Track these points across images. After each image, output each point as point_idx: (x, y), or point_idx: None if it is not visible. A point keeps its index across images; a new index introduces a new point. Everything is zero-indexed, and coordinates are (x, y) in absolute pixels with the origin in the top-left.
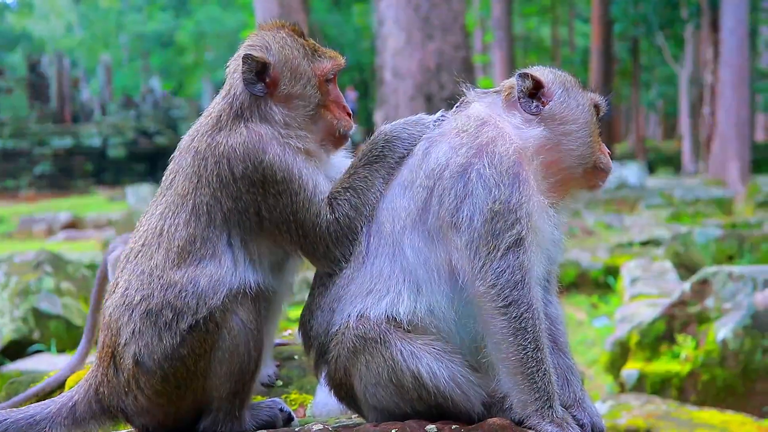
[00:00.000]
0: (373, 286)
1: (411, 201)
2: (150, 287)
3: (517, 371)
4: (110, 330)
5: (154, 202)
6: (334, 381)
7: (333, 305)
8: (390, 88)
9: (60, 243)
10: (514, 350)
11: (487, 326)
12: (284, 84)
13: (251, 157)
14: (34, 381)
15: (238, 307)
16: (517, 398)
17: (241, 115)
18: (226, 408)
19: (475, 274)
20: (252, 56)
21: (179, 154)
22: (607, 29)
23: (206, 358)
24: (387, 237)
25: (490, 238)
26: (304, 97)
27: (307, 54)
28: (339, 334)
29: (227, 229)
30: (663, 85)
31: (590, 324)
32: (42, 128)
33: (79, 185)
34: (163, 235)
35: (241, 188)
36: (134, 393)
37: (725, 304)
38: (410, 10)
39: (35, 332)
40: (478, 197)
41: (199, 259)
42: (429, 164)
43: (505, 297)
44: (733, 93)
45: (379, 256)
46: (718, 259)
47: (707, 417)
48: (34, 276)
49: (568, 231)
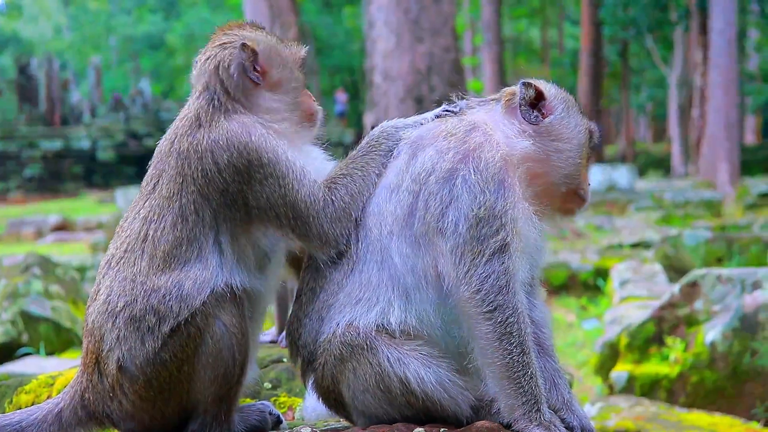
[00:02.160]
0: (362, 294)
1: (397, 205)
2: (133, 293)
3: (504, 375)
4: (93, 336)
5: (135, 207)
6: (322, 388)
7: (321, 313)
8: (380, 91)
9: (49, 246)
10: (500, 355)
11: (472, 331)
12: (274, 70)
13: (235, 144)
14: (21, 384)
15: (220, 310)
16: (505, 402)
17: (222, 109)
18: (213, 412)
19: (460, 279)
20: (247, 45)
21: (159, 158)
22: (596, 32)
23: (189, 362)
24: (375, 243)
25: (475, 244)
26: (291, 81)
27: (281, 42)
28: (326, 342)
29: (215, 227)
30: (652, 87)
31: (580, 326)
32: (31, 131)
33: (68, 188)
34: (148, 240)
35: (227, 178)
36: (119, 398)
37: (714, 306)
38: (400, 13)
39: (24, 335)
40: (464, 203)
41: (185, 261)
42: (416, 168)
43: (490, 302)
44: (722, 95)
45: (368, 263)
46: (708, 262)
47: (696, 419)
48: (23, 279)
49: (558, 233)
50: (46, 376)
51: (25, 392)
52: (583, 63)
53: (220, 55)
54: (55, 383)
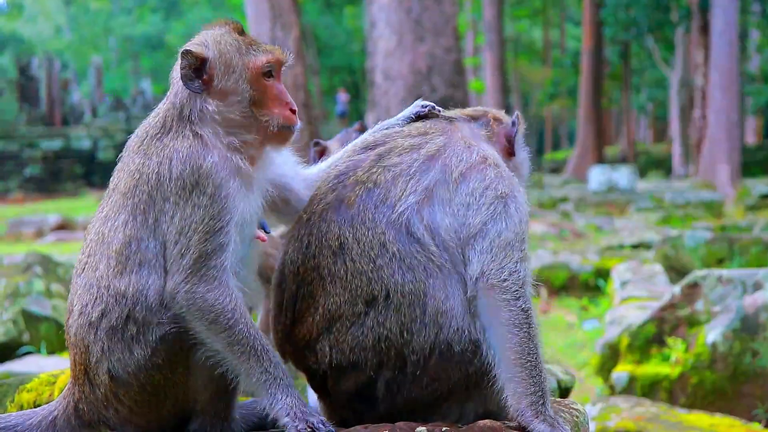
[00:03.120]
0: (464, 297)
1: (453, 219)
2: (103, 301)
3: (518, 362)
4: (78, 349)
5: (101, 206)
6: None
7: (437, 319)
8: (381, 91)
9: (50, 245)
10: (518, 341)
11: (495, 317)
12: (218, 78)
13: (191, 161)
14: (23, 383)
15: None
16: (513, 390)
17: (186, 118)
18: (213, 411)
19: (492, 271)
20: (191, 52)
21: (127, 154)
22: (598, 32)
23: (183, 364)
24: (454, 251)
25: (508, 251)
26: (237, 92)
27: (241, 48)
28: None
29: (157, 232)
30: (653, 88)
31: (580, 326)
32: (31, 130)
33: (68, 188)
34: (105, 241)
35: (173, 189)
36: (114, 406)
37: (715, 307)
38: (402, 13)
39: (25, 334)
40: (511, 223)
41: (138, 264)
42: (468, 186)
43: (515, 291)
44: (723, 96)
45: (457, 267)
46: (708, 263)
47: (696, 420)
48: (24, 278)
49: (559, 234)
50: (48, 375)
51: (27, 391)
52: (585, 63)
53: (180, 59)
54: (57, 382)
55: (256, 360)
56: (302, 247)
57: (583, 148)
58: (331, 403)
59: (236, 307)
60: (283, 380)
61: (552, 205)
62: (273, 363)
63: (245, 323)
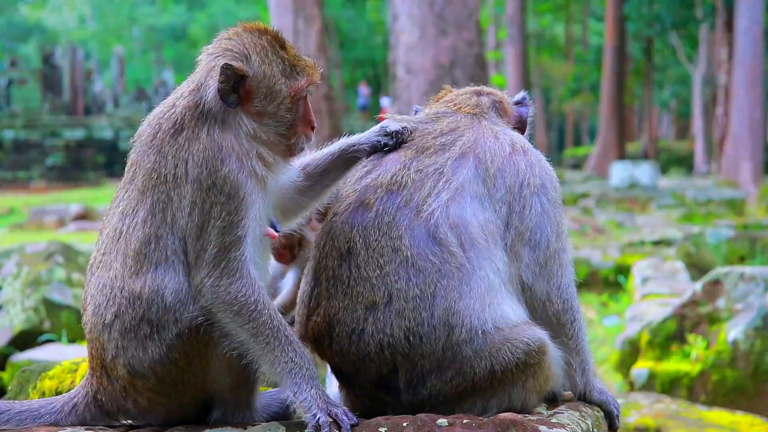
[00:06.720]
0: (490, 299)
1: (492, 214)
2: (117, 302)
3: (580, 349)
4: (94, 344)
5: (116, 199)
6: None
7: (449, 320)
8: (403, 84)
9: (71, 234)
10: (574, 341)
11: (548, 330)
12: (258, 100)
13: (208, 165)
14: (45, 370)
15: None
16: (578, 364)
17: (206, 120)
18: (234, 401)
19: (552, 290)
20: (232, 67)
21: (140, 147)
22: (621, 28)
23: (201, 357)
24: (484, 251)
25: (558, 255)
26: (277, 117)
27: (286, 71)
28: (470, 348)
29: (175, 229)
30: (676, 85)
31: (600, 322)
32: (54, 120)
33: (90, 177)
34: (121, 238)
35: (189, 190)
36: (133, 397)
37: (736, 304)
38: (425, 6)
39: (46, 322)
40: (553, 219)
41: (155, 263)
42: (506, 179)
43: (569, 307)
44: (746, 94)
45: (483, 269)
46: (730, 260)
47: (716, 417)
48: (46, 266)
49: (580, 229)
50: (70, 362)
51: (49, 378)
52: (607, 59)
53: (212, 63)
54: (79, 369)
55: (281, 350)
56: (320, 245)
57: (605, 145)
58: (354, 392)
59: (259, 298)
60: (308, 370)
61: (573, 201)
62: (298, 353)
63: (269, 314)
